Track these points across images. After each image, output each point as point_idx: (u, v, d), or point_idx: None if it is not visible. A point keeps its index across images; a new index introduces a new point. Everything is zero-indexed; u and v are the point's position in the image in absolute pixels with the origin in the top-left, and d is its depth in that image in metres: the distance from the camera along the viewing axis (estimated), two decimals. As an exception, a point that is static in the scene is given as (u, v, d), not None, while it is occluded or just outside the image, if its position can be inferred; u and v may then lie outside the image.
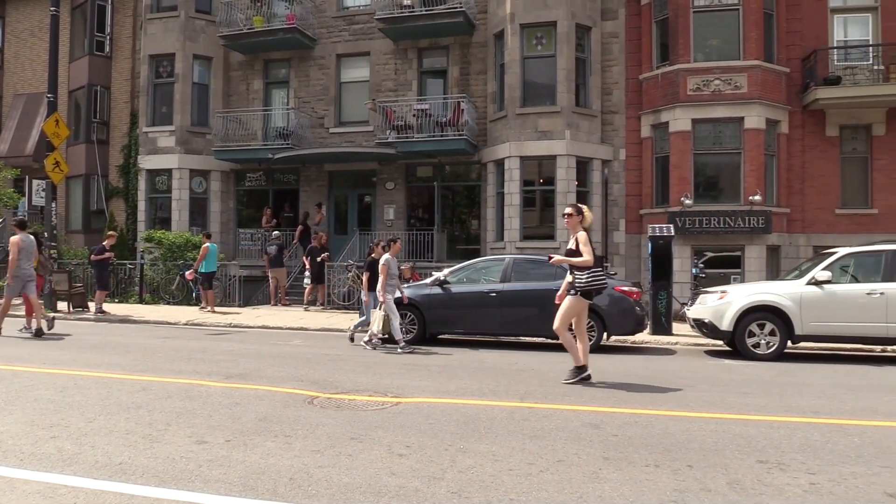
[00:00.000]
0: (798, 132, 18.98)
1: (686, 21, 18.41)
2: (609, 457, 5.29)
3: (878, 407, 7.44)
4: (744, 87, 18.01)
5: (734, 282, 17.05)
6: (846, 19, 19.32)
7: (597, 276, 8.42)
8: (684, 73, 18.34)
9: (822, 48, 18.67)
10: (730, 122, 18.19)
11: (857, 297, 11.09)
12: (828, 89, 18.04)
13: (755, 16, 18.09)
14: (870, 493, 4.57)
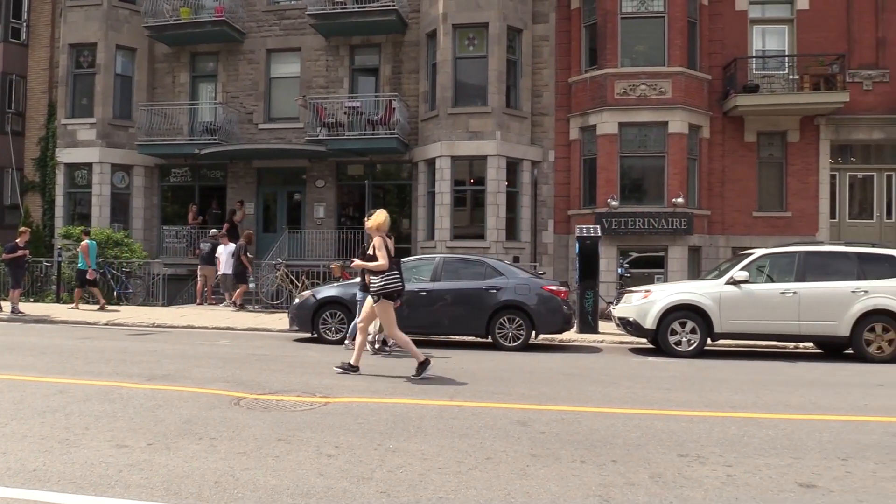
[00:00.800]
0: (719, 137, 19.67)
1: (614, 27, 18.85)
2: (537, 453, 5.38)
3: (791, 401, 7.78)
4: (668, 93, 18.55)
5: (657, 281, 17.54)
6: (764, 30, 20.13)
7: (391, 280, 8.64)
8: (612, 77, 18.77)
9: (741, 57, 19.40)
10: (655, 126, 18.71)
11: (773, 296, 11.58)
12: (746, 97, 18.76)
13: (680, 24, 18.66)
14: (782, 483, 4.78)
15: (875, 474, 5.02)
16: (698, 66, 19.25)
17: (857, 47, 19.47)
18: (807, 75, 18.87)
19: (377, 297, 8.67)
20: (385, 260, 8.61)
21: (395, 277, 8.71)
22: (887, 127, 19.44)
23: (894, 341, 11.32)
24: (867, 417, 6.95)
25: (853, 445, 5.81)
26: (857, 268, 11.66)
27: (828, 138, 19.56)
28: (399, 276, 8.77)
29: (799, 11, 19.70)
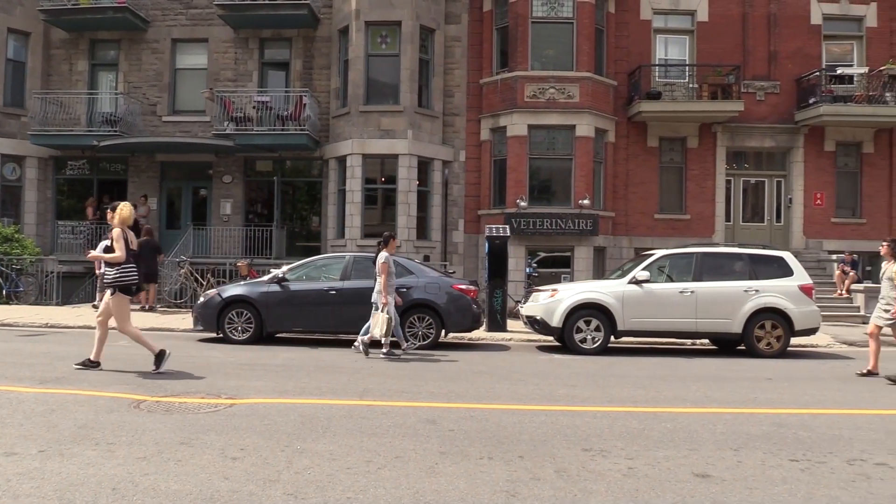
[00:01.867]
0: (623, 141, 20.35)
1: (525, 30, 19.19)
2: (445, 451, 5.42)
3: (688, 395, 8.14)
4: (576, 97, 19.04)
5: (564, 281, 17.96)
6: (667, 39, 20.95)
7: (126, 272, 8.66)
8: (522, 80, 19.10)
9: (645, 65, 20.13)
10: (563, 130, 19.16)
11: (672, 295, 12.07)
12: (649, 103, 19.48)
13: (588, 30, 19.18)
14: (679, 474, 5.00)
15: (764, 463, 5.32)
16: (605, 72, 19.84)
17: (751, 59, 20.53)
18: (705, 84, 19.77)
19: (112, 289, 8.59)
20: (122, 252, 8.56)
21: (131, 270, 8.67)
22: (777, 136, 20.59)
23: (782, 338, 12.00)
24: (757, 410, 7.34)
25: (744, 436, 6.13)
26: (749, 268, 12.29)
27: (724, 145, 20.55)
28: (135, 269, 8.72)
29: (699, 23, 20.61)
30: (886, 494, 4.65)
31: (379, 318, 10.77)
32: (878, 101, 19.82)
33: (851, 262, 18.91)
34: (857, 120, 19.90)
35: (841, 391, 8.74)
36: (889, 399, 8.15)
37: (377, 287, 10.97)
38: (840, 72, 20.19)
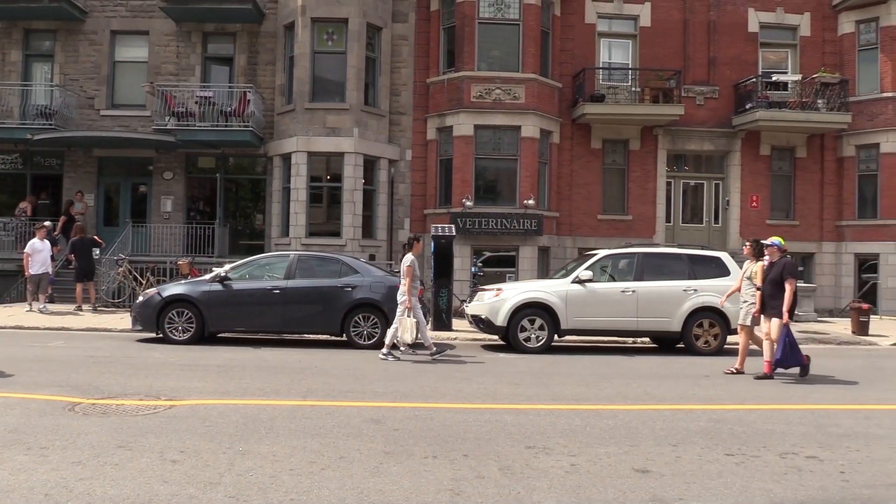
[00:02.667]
0: (568, 143, 20.62)
1: (472, 31, 19.26)
2: (390, 451, 5.42)
3: (629, 393, 8.30)
4: (522, 98, 19.21)
5: (509, 280, 18.10)
6: (611, 43, 21.31)
7: None
8: (469, 80, 19.18)
9: (589, 68, 20.43)
10: (508, 130, 19.31)
11: (614, 294, 12.29)
12: (593, 105, 19.78)
13: (533, 32, 19.36)
14: (620, 469, 5.10)
15: (701, 458, 5.47)
16: (550, 74, 20.07)
17: (691, 65, 21.03)
18: (648, 88, 20.18)
19: None
20: None
21: None
22: (716, 139, 21.15)
23: (719, 336, 12.34)
24: (695, 406, 7.54)
25: (683, 432, 6.29)
26: (688, 268, 12.60)
27: (665, 148, 21.02)
28: None
29: (642, 28, 21.02)
30: (816, 486, 4.83)
31: (407, 324, 10.72)
32: (811, 108, 20.51)
33: (785, 263, 19.50)
34: (791, 125, 20.58)
35: (775, 387, 9.03)
36: (819, 395, 8.46)
37: (401, 289, 10.94)
38: (775, 78, 20.85)
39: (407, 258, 11.00)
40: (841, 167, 21.51)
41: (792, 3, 21.48)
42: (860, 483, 4.93)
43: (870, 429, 6.63)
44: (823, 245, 21.49)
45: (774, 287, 9.52)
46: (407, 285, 10.78)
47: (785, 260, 9.63)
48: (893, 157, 20.58)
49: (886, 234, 20.56)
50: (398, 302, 10.98)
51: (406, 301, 10.74)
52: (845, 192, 21.39)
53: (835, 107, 20.48)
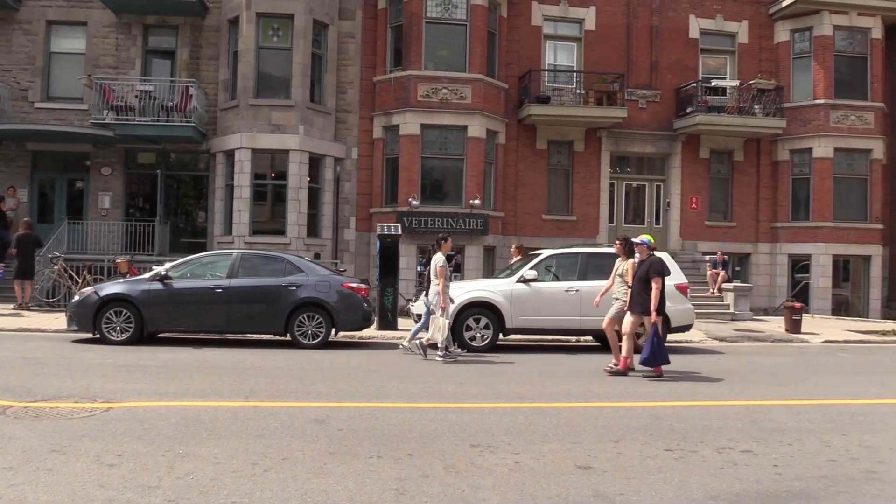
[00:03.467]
0: (513, 143, 20.80)
1: (419, 30, 19.26)
2: (334, 451, 5.38)
3: (572, 390, 8.42)
4: (468, 99, 19.29)
5: (454, 279, 18.15)
6: (556, 46, 21.57)
7: None
8: (415, 79, 19.17)
9: (535, 69, 20.65)
10: (455, 130, 19.37)
11: (558, 293, 12.44)
12: (539, 107, 20.00)
13: (480, 33, 19.46)
14: (563, 466, 5.17)
15: (641, 453, 5.58)
16: (497, 75, 20.20)
17: (634, 68, 21.45)
18: (592, 91, 20.52)
19: None
20: None
21: None
22: (657, 142, 21.62)
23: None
24: (636, 403, 7.69)
25: (624, 429, 6.40)
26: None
27: (608, 149, 21.38)
28: None
29: (587, 31, 21.34)
30: (751, 479, 4.98)
31: (439, 323, 10.78)
32: (748, 113, 21.16)
33: (722, 263, 20.11)
34: (729, 130, 21.18)
35: (711, 384, 9.28)
36: (753, 391, 8.72)
37: (433, 290, 10.98)
38: (714, 84, 21.44)
39: (439, 259, 11.10)
40: (776, 171, 22.23)
41: (731, 11, 22.10)
42: (792, 476, 5.10)
43: (801, 423, 6.86)
44: (759, 246, 22.18)
45: (642, 285, 9.59)
46: (441, 286, 10.83)
47: (652, 259, 9.71)
48: (825, 162, 21.38)
49: (818, 236, 21.34)
50: (431, 302, 11.08)
51: (441, 301, 10.81)
52: (780, 194, 22.11)
53: (770, 112, 21.17)
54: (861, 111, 21.60)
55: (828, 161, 21.37)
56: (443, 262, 11.03)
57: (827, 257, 21.28)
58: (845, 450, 5.88)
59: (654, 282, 9.44)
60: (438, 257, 11.13)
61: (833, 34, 21.48)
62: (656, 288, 9.42)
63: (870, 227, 21.69)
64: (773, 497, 4.62)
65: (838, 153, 21.49)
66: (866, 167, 21.82)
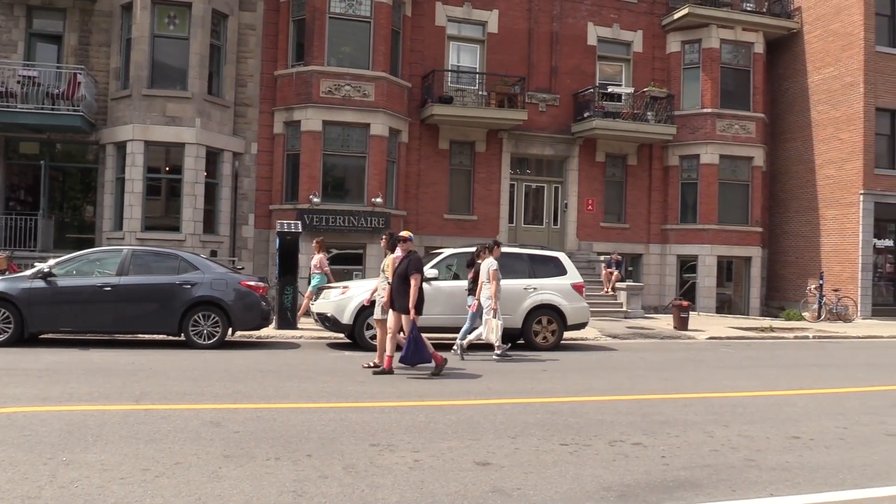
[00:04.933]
0: (416, 143, 20.85)
1: (322, 25, 18.99)
2: (230, 454, 5.25)
3: (472, 388, 8.53)
4: (371, 96, 19.19)
5: (356, 278, 18.06)
6: (460, 47, 21.77)
7: None
8: (318, 75, 18.91)
9: (439, 69, 20.78)
10: (357, 127, 19.23)
11: (458, 292, 12.56)
12: (442, 107, 20.13)
13: (384, 31, 19.40)
14: (462, 463, 5.24)
15: (538, 448, 5.72)
16: (400, 74, 20.19)
17: (535, 72, 21.93)
18: (494, 92, 20.84)
19: None
20: None
21: None
22: (556, 145, 22.19)
23: (557, 332, 12.96)
24: (533, 400, 7.88)
25: (521, 425, 6.55)
26: (529, 267, 13.14)
27: (509, 151, 21.78)
28: None
29: (490, 34, 21.65)
30: (641, 470, 5.20)
31: (493, 324, 11.17)
32: (641, 119, 22.05)
33: (616, 263, 20.86)
34: (624, 135, 21.99)
35: (605, 379, 9.62)
36: (644, 386, 9.10)
37: (486, 293, 11.30)
38: (610, 90, 22.20)
39: (492, 263, 11.42)
40: (667, 175, 23.25)
41: (627, 21, 22.95)
42: (678, 466, 5.36)
43: (687, 416, 7.22)
44: (650, 247, 23.14)
45: (402, 281, 9.36)
46: (493, 289, 11.22)
47: (412, 255, 9.56)
48: (711, 168, 22.53)
49: (704, 238, 22.48)
50: (483, 305, 11.37)
51: (493, 304, 11.21)
52: (670, 198, 23.15)
53: (662, 119, 22.13)
54: (744, 121, 22.90)
55: (714, 167, 22.54)
56: (496, 266, 11.38)
57: (712, 258, 22.45)
58: (727, 440, 6.23)
59: (413, 279, 9.24)
60: (491, 262, 11.47)
61: (720, 47, 22.67)
62: (415, 285, 9.23)
63: (751, 229, 23.02)
64: (661, 486, 4.84)
65: (723, 160, 22.71)
66: (748, 173, 23.15)
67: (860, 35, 21.94)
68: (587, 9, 22.56)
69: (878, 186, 22.12)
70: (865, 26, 21.91)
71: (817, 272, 22.62)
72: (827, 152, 23.14)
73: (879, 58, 22.19)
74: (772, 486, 4.94)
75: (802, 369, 11.57)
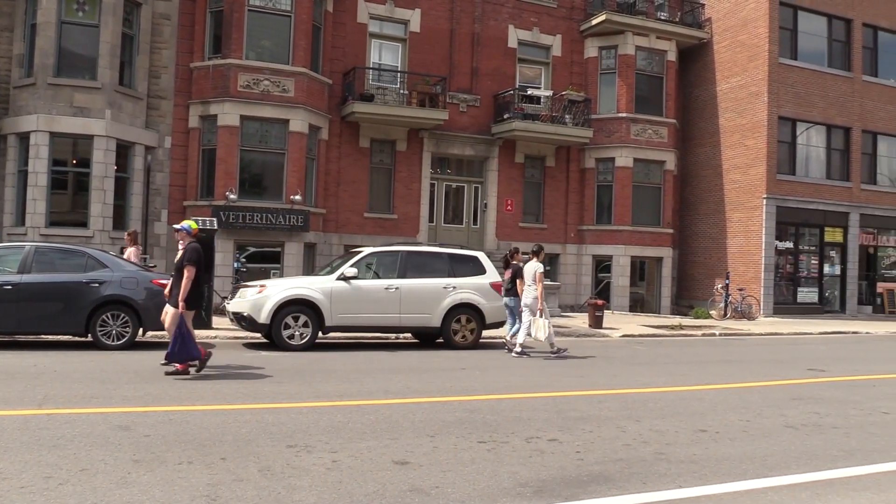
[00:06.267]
0: (336, 140, 20.65)
1: (241, 17, 18.54)
2: (140, 459, 5.08)
3: (391, 387, 8.52)
4: (291, 92, 18.88)
5: (273, 276, 17.76)
6: (381, 45, 21.68)
7: None
8: (236, 68, 18.46)
9: (360, 67, 20.63)
10: (276, 123, 18.89)
11: (378, 291, 12.52)
12: (363, 105, 20.00)
13: (305, 26, 19.11)
14: (381, 463, 5.23)
15: (456, 447, 5.77)
16: (321, 70, 19.95)
17: (456, 73, 22.06)
18: (415, 92, 20.84)
19: None
20: None
21: None
22: (476, 145, 22.39)
23: (476, 330, 13.09)
24: (452, 398, 7.93)
25: (440, 423, 6.58)
26: (448, 266, 13.22)
27: (430, 150, 21.84)
28: None
29: (412, 33, 21.64)
30: (556, 466, 5.31)
31: (540, 323, 11.93)
32: (559, 122, 22.51)
33: (534, 263, 21.18)
34: (542, 137, 22.39)
35: (523, 377, 9.78)
36: (560, 383, 9.30)
37: (533, 294, 12.10)
38: (530, 92, 22.58)
39: (538, 265, 12.33)
40: (583, 177, 23.81)
41: (546, 25, 23.37)
42: (592, 461, 5.51)
43: (601, 412, 7.42)
44: (567, 247, 23.65)
45: (178, 275, 8.94)
46: (540, 290, 12.10)
47: (191, 245, 9.08)
48: (625, 171, 23.21)
49: (618, 239, 23.14)
50: (529, 306, 12.07)
51: (540, 304, 12.06)
52: (586, 199, 23.72)
53: (580, 122, 22.65)
54: (657, 126, 23.68)
55: (628, 170, 23.22)
56: (542, 270, 12.29)
57: (626, 258, 23.13)
58: (638, 434, 6.43)
59: (187, 270, 8.77)
60: (538, 265, 12.34)
61: (635, 54, 23.37)
62: (188, 276, 8.75)
63: (662, 231, 23.83)
64: (576, 481, 4.96)
65: (637, 163, 23.42)
66: (661, 177, 23.95)
67: (765, 47, 23.06)
68: (508, 12, 22.85)
69: (780, 191, 23.29)
70: (770, 39, 23.05)
71: (724, 272, 23.64)
72: (733, 158, 24.21)
73: (782, 69, 23.39)
74: (680, 478, 5.13)
75: (710, 365, 12.07)
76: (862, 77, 25.02)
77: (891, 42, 25.97)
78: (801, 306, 24.12)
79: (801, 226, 24.33)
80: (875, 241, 25.79)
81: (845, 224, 24.79)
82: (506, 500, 4.53)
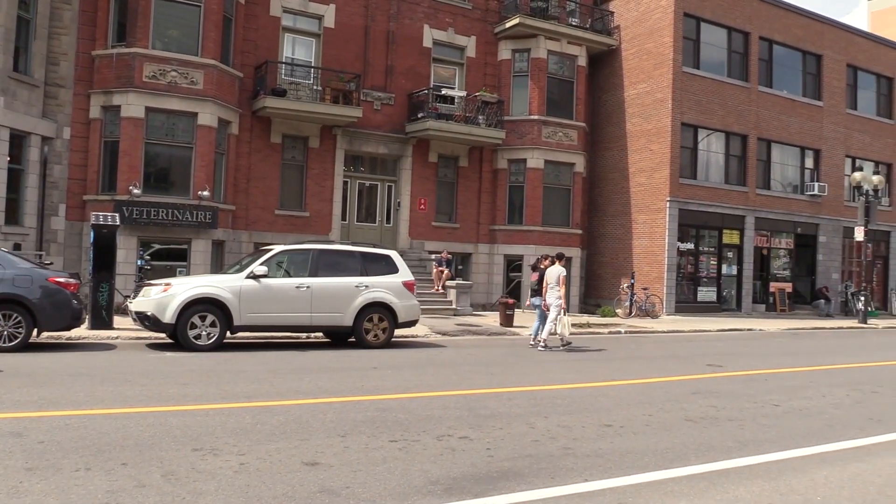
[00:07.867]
0: (247, 135, 20.17)
1: (147, 5, 17.81)
2: (33, 467, 4.83)
3: (301, 387, 8.41)
4: (200, 84, 18.31)
5: (180, 274, 17.20)
6: (295, 39, 21.33)
7: None
8: (141, 58, 17.76)
9: (272, 61, 20.23)
10: (184, 116, 18.29)
11: (289, 290, 12.32)
12: (275, 100, 19.62)
13: (216, 16, 18.57)
14: (290, 464, 5.15)
15: (367, 446, 5.74)
16: (231, 63, 19.43)
17: (371, 70, 21.94)
18: (329, 88, 20.61)
19: None
20: None
21: None
22: (390, 144, 22.35)
23: (388, 329, 13.06)
24: (363, 397, 7.90)
25: (351, 423, 6.54)
26: (360, 265, 13.14)
27: (343, 148, 21.64)
28: None
29: (326, 28, 21.38)
30: (467, 463, 5.36)
31: (565, 321, 13.75)
32: (473, 122, 22.74)
33: (447, 262, 21.36)
34: (456, 137, 22.56)
35: (434, 375, 9.83)
36: (472, 381, 9.40)
37: (556, 294, 13.60)
38: (444, 92, 22.72)
39: (561, 269, 13.91)
40: (496, 178, 24.13)
41: (461, 26, 23.55)
42: (502, 457, 5.59)
43: (511, 409, 7.54)
44: (479, 246, 23.92)
45: None
46: (562, 291, 13.59)
47: None
48: (536, 172, 23.67)
49: (529, 239, 23.57)
50: (553, 305, 13.59)
51: (563, 303, 13.63)
52: (498, 199, 24.05)
53: (493, 123, 22.96)
54: (567, 129, 24.25)
55: (539, 171, 23.68)
56: (564, 273, 13.84)
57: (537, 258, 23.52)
58: (546, 430, 6.58)
59: None
60: (560, 269, 13.91)
61: (547, 58, 23.85)
62: None
63: (572, 231, 24.43)
64: (486, 478, 5.03)
65: (548, 165, 23.92)
66: (570, 179, 24.54)
67: (670, 56, 23.96)
68: (423, 11, 22.90)
69: (682, 194, 24.26)
70: (675, 48, 23.97)
71: (630, 272, 24.42)
72: (639, 161, 25.06)
73: (686, 77, 24.36)
74: (586, 472, 5.28)
75: (616, 362, 12.46)
76: (758, 87, 26.34)
77: (785, 55, 27.48)
78: (701, 305, 25.21)
79: (701, 228, 25.41)
80: (768, 243, 27.21)
81: (742, 227, 26.05)
82: (417, 498, 4.55)
